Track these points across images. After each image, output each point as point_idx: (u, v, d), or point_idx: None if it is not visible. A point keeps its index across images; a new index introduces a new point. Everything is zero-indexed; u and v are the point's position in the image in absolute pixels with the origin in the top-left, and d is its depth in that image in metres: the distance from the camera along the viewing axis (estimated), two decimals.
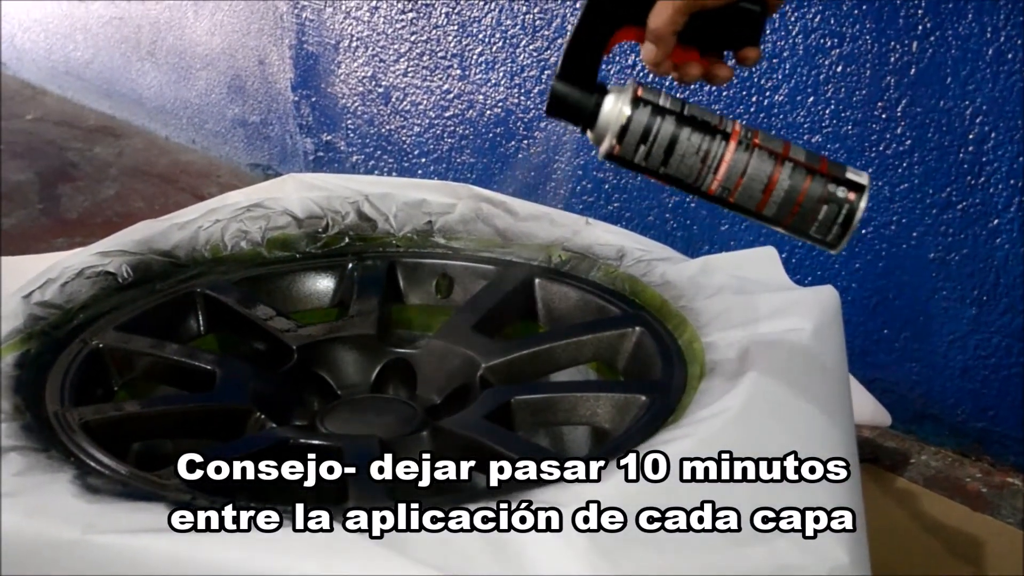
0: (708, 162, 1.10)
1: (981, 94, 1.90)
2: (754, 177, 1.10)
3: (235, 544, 0.87)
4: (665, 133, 1.10)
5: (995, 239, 1.93)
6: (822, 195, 1.10)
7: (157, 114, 4.57)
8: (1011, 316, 1.96)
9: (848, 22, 2.05)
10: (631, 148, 1.11)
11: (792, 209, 1.11)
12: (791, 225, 1.12)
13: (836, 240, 1.12)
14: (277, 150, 3.93)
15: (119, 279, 1.45)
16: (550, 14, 2.65)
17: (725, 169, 1.10)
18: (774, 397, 1.11)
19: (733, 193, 1.11)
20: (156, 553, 0.86)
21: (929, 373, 2.12)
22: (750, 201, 1.11)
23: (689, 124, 1.10)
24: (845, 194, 1.10)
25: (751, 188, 1.10)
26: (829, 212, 1.10)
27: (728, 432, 1.04)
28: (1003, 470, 2.07)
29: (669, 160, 1.11)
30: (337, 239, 1.62)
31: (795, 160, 1.11)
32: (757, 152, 1.10)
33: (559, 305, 1.50)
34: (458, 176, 3.09)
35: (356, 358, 1.43)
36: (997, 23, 1.85)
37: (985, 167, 1.92)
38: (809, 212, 1.11)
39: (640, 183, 2.54)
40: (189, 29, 4.21)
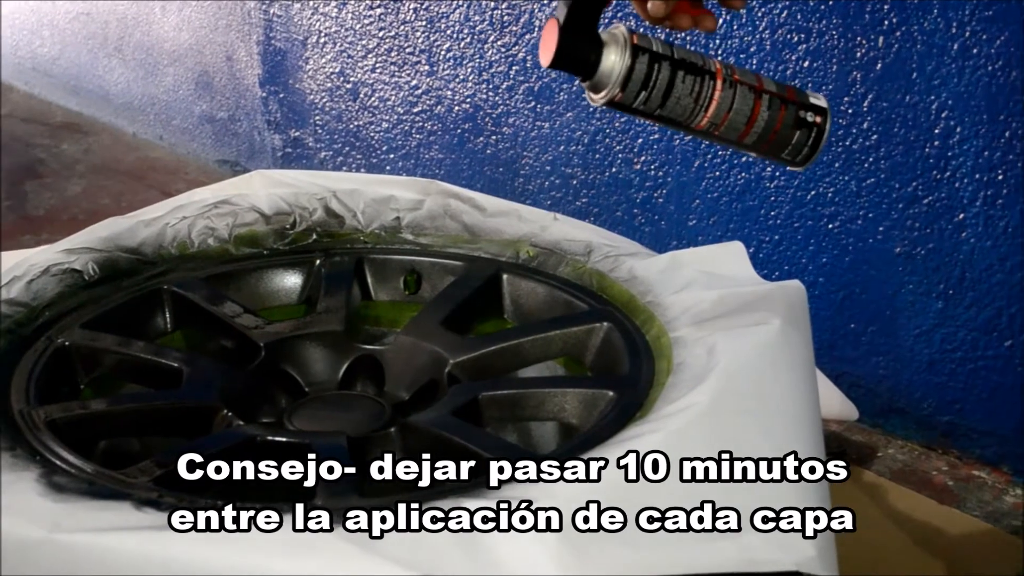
0: (700, 101, 1.18)
1: (947, 89, 1.91)
2: (739, 111, 1.19)
3: (202, 542, 0.86)
4: (663, 78, 1.16)
5: (961, 233, 1.94)
6: (795, 121, 1.20)
7: (124, 110, 4.55)
8: (977, 310, 1.96)
9: (815, 18, 2.06)
10: (632, 95, 1.17)
11: (769, 137, 1.21)
12: (767, 151, 1.22)
13: (804, 160, 1.23)
14: (245, 146, 3.92)
15: (85, 276, 1.44)
16: (518, 9, 2.65)
17: (714, 107, 1.18)
18: (741, 392, 1.11)
19: (719, 127, 1.19)
20: (122, 552, 0.86)
21: (896, 367, 2.13)
22: (733, 133, 1.20)
23: (682, 67, 1.17)
24: (813, 118, 1.21)
25: (736, 122, 1.19)
26: (801, 136, 1.21)
27: (696, 427, 1.04)
28: (969, 463, 2.08)
29: (666, 102, 1.18)
30: (305, 235, 1.62)
31: (769, 92, 1.20)
32: (739, 88, 1.19)
33: (527, 301, 1.50)
34: (426, 172, 3.08)
35: (324, 355, 1.42)
36: (962, 18, 1.86)
37: (951, 162, 1.92)
38: (784, 138, 1.21)
39: (608, 179, 2.54)
40: (156, 25, 4.20)
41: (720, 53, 2.22)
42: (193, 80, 4.10)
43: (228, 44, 3.83)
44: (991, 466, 2.07)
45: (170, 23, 4.11)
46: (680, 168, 2.37)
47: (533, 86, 2.67)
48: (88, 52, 4.71)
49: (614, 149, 2.51)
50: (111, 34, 4.50)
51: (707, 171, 2.32)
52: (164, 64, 4.23)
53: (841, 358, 2.20)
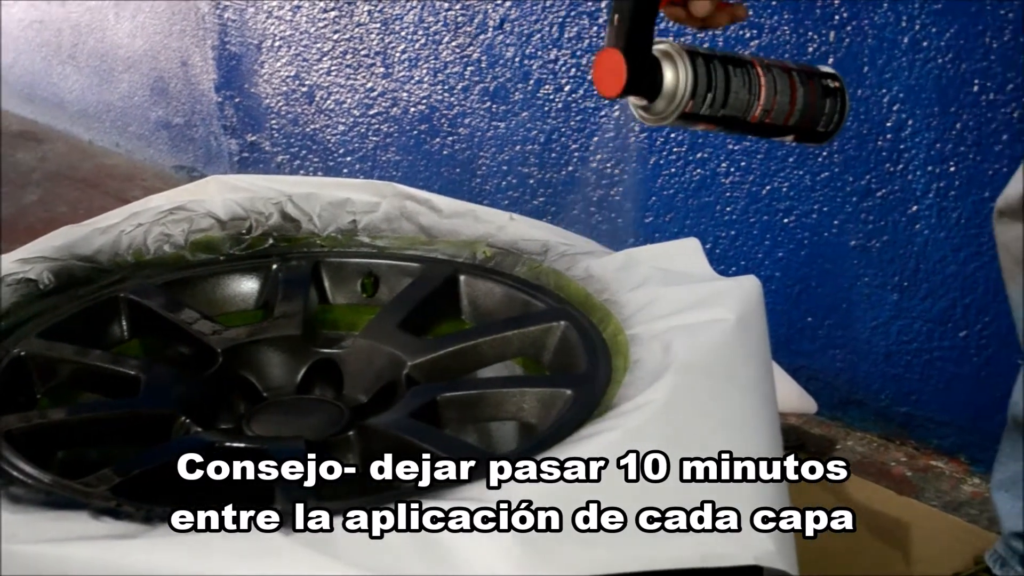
0: (752, 91, 1.19)
1: (898, 82, 1.92)
2: (782, 92, 1.20)
3: (159, 548, 0.86)
4: (720, 77, 1.18)
5: (914, 225, 1.96)
6: (823, 91, 1.23)
7: (80, 118, 4.53)
8: (932, 301, 1.98)
9: (767, 13, 2.07)
10: (701, 100, 1.18)
11: (810, 112, 1.23)
12: (808, 127, 1.24)
13: (836, 128, 1.25)
14: (202, 152, 3.90)
15: (40, 286, 1.43)
16: (472, 10, 2.65)
17: (764, 93, 1.19)
18: (699, 388, 1.11)
19: (771, 113, 1.21)
20: (79, 561, 0.86)
21: (853, 359, 2.15)
22: (781, 116, 1.21)
23: (729, 62, 1.19)
24: (834, 84, 1.24)
25: (782, 104, 1.21)
26: (831, 104, 1.23)
27: (654, 424, 1.04)
28: (927, 453, 2.10)
29: (727, 100, 1.19)
30: (261, 240, 1.61)
31: (795, 69, 1.22)
32: (775, 71, 1.20)
33: (484, 301, 1.50)
34: (384, 174, 3.08)
35: (282, 359, 1.42)
36: (912, 12, 1.87)
37: (903, 154, 1.94)
38: (819, 109, 1.23)
39: (564, 177, 2.55)
40: (111, 32, 4.18)
41: None
42: (148, 86, 4.08)
43: (183, 50, 3.82)
44: (948, 456, 2.09)
45: (124, 30, 4.09)
46: (636, 166, 2.38)
47: (488, 86, 2.68)
48: (42, 60, 4.68)
49: (570, 148, 2.51)
50: (65, 41, 4.48)
51: (663, 168, 2.33)
52: (119, 71, 4.21)
53: (798, 351, 2.21)
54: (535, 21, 2.49)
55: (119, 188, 3.90)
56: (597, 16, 2.39)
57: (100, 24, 4.24)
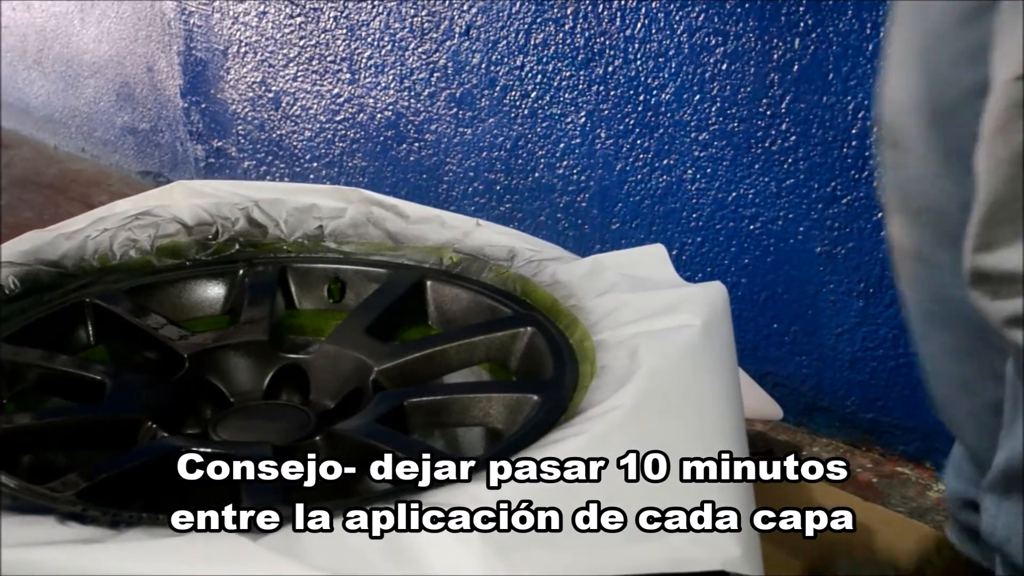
0: None
1: (863, 89, 1.93)
2: None
3: (126, 555, 0.86)
4: None
5: (880, 232, 1.97)
6: None
7: (45, 123, 4.51)
8: (897, 308, 1.99)
9: (732, 20, 2.08)
10: None
11: None
12: None
13: None
14: (168, 157, 3.89)
15: (6, 291, 1.43)
16: (438, 16, 2.65)
17: None
18: (665, 394, 1.12)
19: None
20: (46, 566, 0.85)
21: (819, 366, 2.15)
22: None
23: None
24: None
25: None
26: None
27: (620, 430, 1.04)
28: (893, 460, 2.11)
29: None
30: (227, 246, 1.61)
31: None
32: None
33: (451, 307, 1.51)
34: (350, 180, 3.08)
35: (248, 365, 1.42)
36: (877, 19, 1.88)
37: (868, 161, 1.95)
38: None
39: (531, 184, 2.55)
40: (76, 37, 4.16)
41: (639, 57, 2.24)
42: (114, 92, 4.07)
43: (149, 55, 3.81)
44: (914, 462, 2.10)
45: (89, 35, 4.08)
46: (603, 172, 2.38)
47: (455, 92, 2.68)
48: (7, 65, 4.66)
49: (536, 154, 2.52)
50: (30, 47, 4.46)
51: (629, 175, 2.33)
52: (84, 76, 4.20)
53: (765, 358, 2.22)
54: (501, 28, 2.50)
55: (85, 193, 3.88)
56: (563, 23, 2.39)
57: (65, 29, 4.23)
